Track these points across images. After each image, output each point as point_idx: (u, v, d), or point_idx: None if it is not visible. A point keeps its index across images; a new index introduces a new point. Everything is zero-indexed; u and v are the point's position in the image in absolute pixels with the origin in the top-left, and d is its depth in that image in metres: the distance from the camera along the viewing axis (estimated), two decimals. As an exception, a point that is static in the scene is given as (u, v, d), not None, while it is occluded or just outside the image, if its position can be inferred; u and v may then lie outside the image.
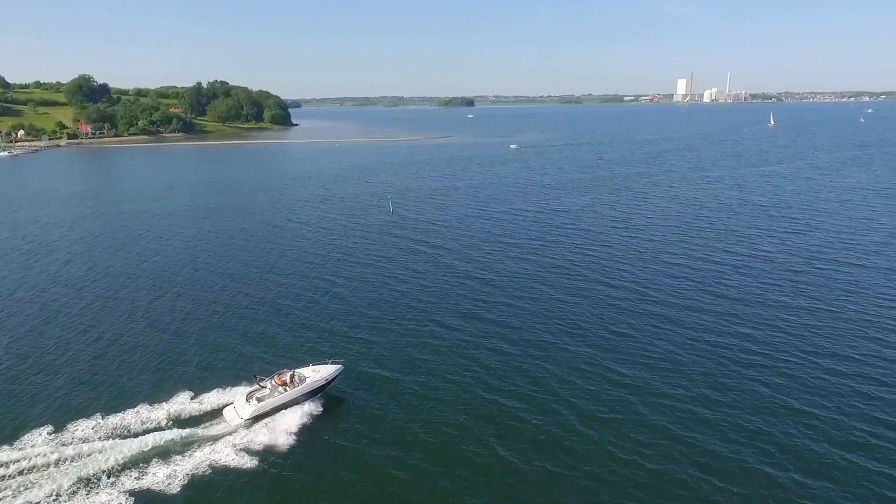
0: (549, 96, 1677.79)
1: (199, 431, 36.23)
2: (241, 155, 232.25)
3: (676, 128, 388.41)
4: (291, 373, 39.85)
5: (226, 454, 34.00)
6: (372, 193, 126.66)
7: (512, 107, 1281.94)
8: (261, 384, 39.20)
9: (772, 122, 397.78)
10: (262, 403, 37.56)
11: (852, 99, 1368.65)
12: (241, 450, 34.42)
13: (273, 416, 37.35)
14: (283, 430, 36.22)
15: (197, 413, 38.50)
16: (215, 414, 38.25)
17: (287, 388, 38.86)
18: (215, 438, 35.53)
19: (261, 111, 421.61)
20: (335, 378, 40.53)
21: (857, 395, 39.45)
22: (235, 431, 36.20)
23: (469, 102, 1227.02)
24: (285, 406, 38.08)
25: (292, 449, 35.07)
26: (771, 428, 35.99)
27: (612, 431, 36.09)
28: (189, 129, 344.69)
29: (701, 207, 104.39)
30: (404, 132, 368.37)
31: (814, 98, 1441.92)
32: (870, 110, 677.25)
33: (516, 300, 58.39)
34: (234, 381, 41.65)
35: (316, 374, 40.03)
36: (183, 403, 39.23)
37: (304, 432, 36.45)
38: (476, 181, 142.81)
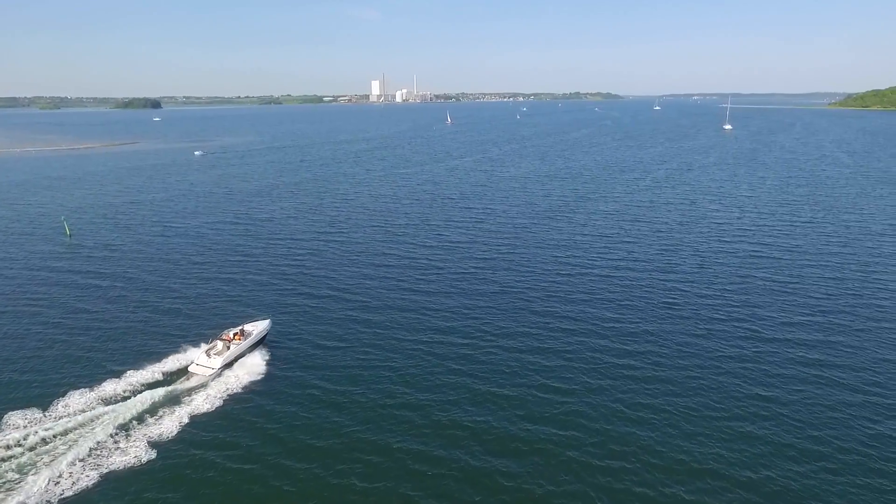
0: (248, 97, 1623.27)
1: (179, 386, 42.37)
2: None
3: (373, 127, 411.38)
4: (241, 328, 48.23)
5: (209, 400, 40.62)
6: (37, 216, 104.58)
7: (206, 108, 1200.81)
8: (219, 340, 46.57)
9: (449, 120, 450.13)
10: (227, 353, 44.97)
11: (511, 99, 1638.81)
12: (220, 394, 41.42)
13: (234, 365, 44.97)
14: (249, 372, 44.28)
15: (167, 374, 44.35)
16: (181, 373, 44.42)
17: (240, 340, 46.72)
18: (193, 390, 42.09)
19: None
20: (270, 329, 50.13)
21: (533, 350, 46.98)
22: (208, 382, 42.88)
23: (155, 104, 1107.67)
24: (243, 355, 46.11)
25: (263, 385, 43.24)
26: (467, 393, 40.53)
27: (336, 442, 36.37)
28: None
29: (399, 204, 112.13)
30: (73, 139, 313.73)
31: (483, 98, 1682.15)
32: (524, 108, 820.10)
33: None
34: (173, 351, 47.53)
35: (256, 327, 48.74)
36: (153, 370, 44.42)
37: (265, 371, 44.95)
38: (169, 193, 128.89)
